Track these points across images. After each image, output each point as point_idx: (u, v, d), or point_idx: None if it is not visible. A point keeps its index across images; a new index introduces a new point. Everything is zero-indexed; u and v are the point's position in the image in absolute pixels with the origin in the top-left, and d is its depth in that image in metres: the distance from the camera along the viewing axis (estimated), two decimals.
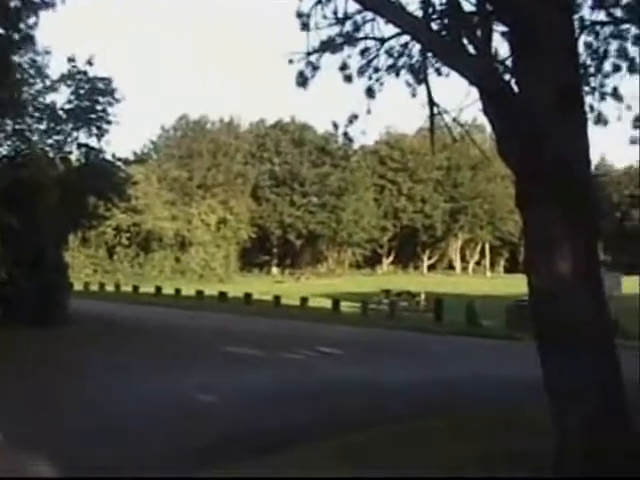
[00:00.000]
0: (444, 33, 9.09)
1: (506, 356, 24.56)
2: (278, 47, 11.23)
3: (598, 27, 13.45)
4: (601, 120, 13.40)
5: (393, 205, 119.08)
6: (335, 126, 11.98)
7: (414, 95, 11.97)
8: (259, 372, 18.93)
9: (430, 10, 9.25)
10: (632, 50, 13.47)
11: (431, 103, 8.51)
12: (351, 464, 9.68)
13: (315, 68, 11.12)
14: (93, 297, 51.72)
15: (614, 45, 13.55)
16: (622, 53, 13.54)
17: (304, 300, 46.56)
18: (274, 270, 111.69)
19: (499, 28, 9.17)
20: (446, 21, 9.27)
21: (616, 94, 13.52)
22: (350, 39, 11.11)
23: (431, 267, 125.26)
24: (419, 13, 8.86)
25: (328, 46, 11.08)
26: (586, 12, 13.10)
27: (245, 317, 39.27)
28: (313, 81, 11.24)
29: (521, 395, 14.17)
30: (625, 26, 13.38)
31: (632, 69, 13.56)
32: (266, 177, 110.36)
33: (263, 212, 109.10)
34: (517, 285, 26.78)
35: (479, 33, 8.24)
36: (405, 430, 12.04)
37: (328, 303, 45.37)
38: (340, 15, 11.03)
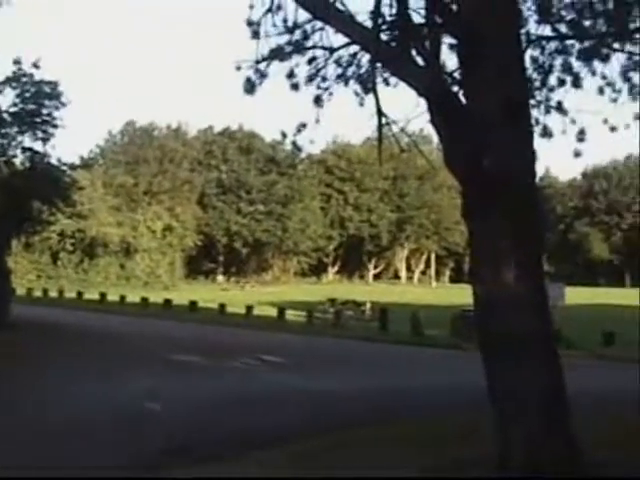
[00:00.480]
0: (393, 44, 9.13)
1: (451, 365, 24.70)
2: (228, 55, 11.21)
3: (544, 42, 13.65)
4: (547, 133, 13.58)
5: (339, 214, 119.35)
6: (283, 135, 11.98)
7: (362, 105, 12.03)
8: (203, 380, 18.83)
9: (380, 21, 9.28)
10: (576, 65, 13.68)
11: (379, 113, 8.55)
12: (296, 470, 9.66)
13: (263, 75, 11.12)
14: (36, 303, 51.05)
15: (559, 60, 13.75)
16: (567, 68, 13.74)
17: (249, 308, 46.39)
18: (219, 278, 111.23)
19: (448, 40, 9.26)
20: (395, 32, 9.32)
21: (561, 108, 13.70)
22: (299, 48, 11.13)
23: (377, 276, 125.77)
24: (369, 23, 8.90)
25: (277, 54, 11.09)
26: (532, 27, 13.29)
27: (190, 325, 39.06)
28: (261, 89, 11.25)
29: (466, 404, 14.27)
30: (570, 41, 13.59)
31: (576, 84, 13.76)
32: (213, 184, 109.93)
33: (209, 220, 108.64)
34: (462, 295, 27.04)
35: (428, 45, 8.31)
36: (351, 439, 12.06)
37: (273, 311, 45.27)
38: (290, 24, 11.06)
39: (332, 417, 14.24)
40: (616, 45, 13.35)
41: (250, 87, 11.09)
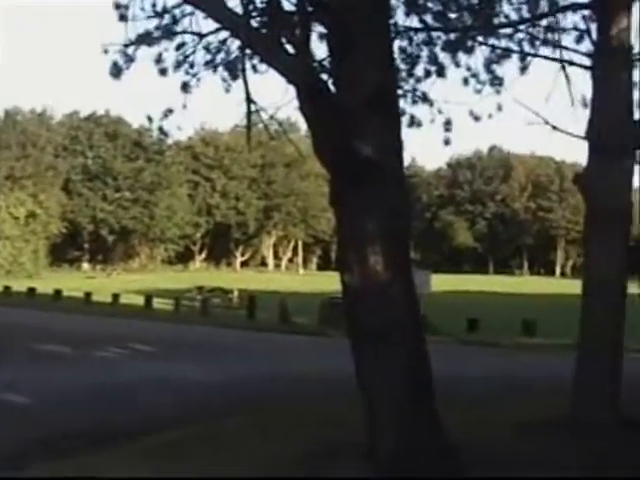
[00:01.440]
0: (264, 31, 9.09)
1: (318, 353, 24.87)
2: (96, 38, 10.90)
3: (411, 33, 13.84)
4: (415, 123, 13.79)
5: (207, 201, 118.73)
6: (150, 120, 11.79)
7: (228, 91, 11.95)
8: (68, 370, 18.40)
9: (250, 7, 9.22)
10: (442, 56, 13.93)
11: (248, 100, 8.48)
12: (158, 464, 9.54)
13: (130, 60, 10.90)
14: None
15: (425, 51, 13.97)
16: (433, 59, 13.97)
17: (116, 296, 45.68)
18: (85, 266, 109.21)
19: (318, 28, 9.27)
20: (266, 19, 9.27)
21: (427, 98, 13.92)
22: (168, 33, 10.96)
23: (244, 264, 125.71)
24: (239, 9, 8.82)
25: (145, 39, 10.89)
26: (400, 18, 13.46)
27: (55, 314, 38.15)
28: (129, 73, 11.03)
29: (334, 392, 14.36)
30: (436, 33, 13.81)
31: (441, 74, 14.00)
32: (78, 170, 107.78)
33: (75, 206, 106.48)
34: (329, 282, 27.27)
35: (298, 32, 8.29)
36: (219, 428, 11.97)
37: (140, 300, 44.72)
38: (158, 8, 10.88)
39: (199, 407, 14.12)
40: (480, 38, 13.64)
41: (117, 71, 10.85)
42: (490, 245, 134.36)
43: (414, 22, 13.68)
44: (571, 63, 11.92)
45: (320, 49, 9.97)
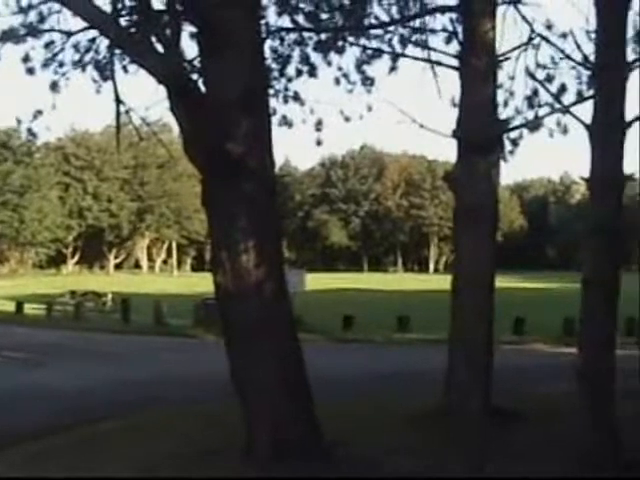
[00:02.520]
0: (133, 30, 8.97)
1: (193, 355, 24.70)
2: None
3: (283, 33, 13.90)
4: (286, 122, 13.85)
5: (78, 204, 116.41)
6: (18, 121, 11.49)
7: (99, 92, 11.76)
8: None
9: (119, 6, 9.10)
10: (313, 56, 14.04)
11: (117, 100, 8.37)
12: (33, 471, 9.36)
13: None
14: None
15: (297, 51, 14.05)
16: (304, 58, 14.06)
17: None
18: None
19: (189, 28, 9.22)
20: (135, 18, 9.16)
21: (298, 98, 14.00)
22: (34, 30, 10.70)
23: (118, 266, 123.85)
24: (108, 8, 8.69)
25: (10, 36, 10.60)
26: (272, 18, 13.50)
27: None
28: None
29: (211, 392, 14.32)
30: (308, 33, 13.91)
31: (313, 74, 14.11)
32: None
33: None
34: (204, 283, 27.07)
35: (168, 32, 8.22)
36: (93, 433, 11.81)
37: (11, 305, 43.48)
38: (24, 4, 10.62)
39: (74, 413, 13.87)
40: (351, 38, 13.80)
41: None
42: (364, 243, 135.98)
43: (286, 22, 13.77)
44: (439, 64, 12.18)
45: (191, 48, 9.93)
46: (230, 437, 9.08)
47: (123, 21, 9.20)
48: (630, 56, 11.08)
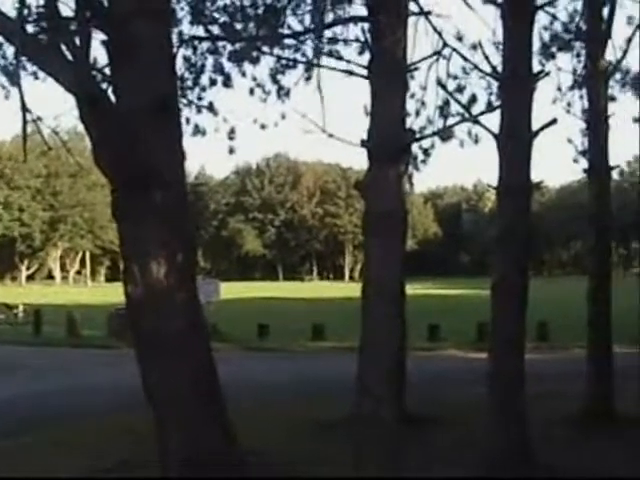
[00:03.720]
0: (41, 37, 8.82)
1: (108, 365, 24.39)
2: None
3: (197, 42, 13.87)
4: (199, 132, 13.82)
5: None
6: None
7: (7, 98, 11.57)
8: None
9: (26, 12, 8.95)
10: (228, 66, 14.04)
11: (24, 109, 8.23)
12: None
13: None
14: None
15: (211, 60, 14.04)
16: (218, 68, 14.05)
17: None
18: None
19: (99, 36, 9.11)
20: (42, 24, 9.02)
21: (212, 108, 13.98)
22: None
23: (30, 277, 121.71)
24: (13, 14, 8.53)
25: None
26: (186, 27, 13.46)
27: None
28: None
29: (124, 404, 14.18)
30: (222, 43, 13.90)
31: (227, 84, 14.11)
32: None
33: None
34: (119, 294, 26.74)
35: (77, 39, 8.11)
36: (17, 446, 11.63)
37: None
38: None
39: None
40: (266, 48, 13.82)
41: None
42: (279, 252, 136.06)
43: (200, 31, 13.73)
44: (352, 73, 12.28)
45: (101, 56, 9.82)
46: (144, 448, 9.01)
47: (30, 27, 9.07)
48: (536, 67, 11.37)
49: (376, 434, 8.60)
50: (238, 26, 14.03)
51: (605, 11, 14.82)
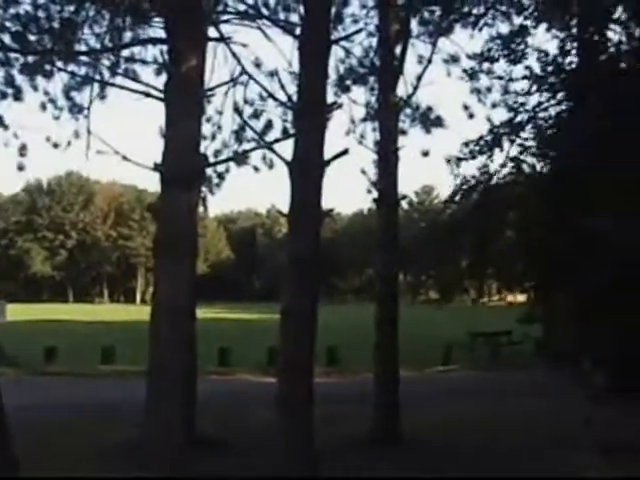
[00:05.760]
0: None
1: None
2: None
3: None
4: None
5: None
6: None
7: None
8: None
9: None
10: (19, 79, 13.66)
11: None
12: None
13: None
14: None
15: (1, 72, 13.62)
16: (9, 81, 13.65)
17: None
18: None
19: None
20: None
21: (2, 122, 13.57)
22: None
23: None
24: None
25: None
26: None
27: None
28: None
29: None
30: (14, 54, 13.51)
31: (18, 97, 13.72)
32: None
33: None
34: None
35: None
36: None
37: None
38: None
39: None
40: (60, 63, 13.55)
41: None
42: (70, 273, 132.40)
43: None
44: (148, 95, 12.19)
45: None
46: None
47: None
48: (331, 99, 11.71)
49: (165, 458, 8.55)
50: (32, 38, 13.67)
51: (398, 49, 15.47)
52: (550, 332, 28.69)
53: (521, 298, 51.69)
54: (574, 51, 19.35)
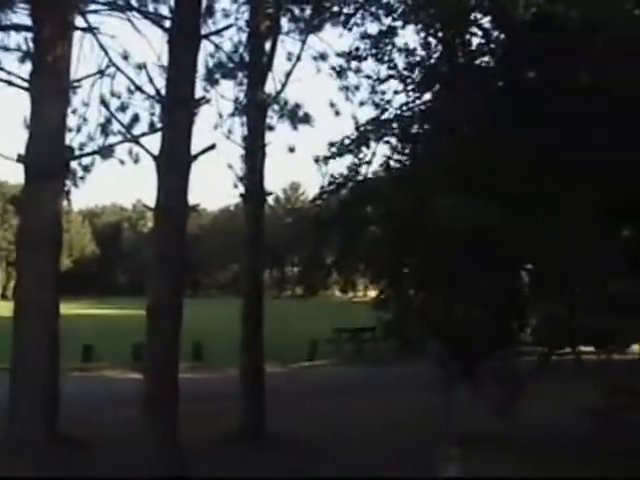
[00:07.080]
0: None
1: None
2: None
3: None
4: None
5: None
6: None
7: None
8: None
9: None
10: None
11: None
12: None
13: None
14: None
15: None
16: None
17: None
18: None
19: None
20: None
21: None
22: None
23: None
24: None
25: None
26: None
27: None
28: None
29: None
30: None
31: None
32: None
33: None
34: None
35: None
36: None
37: None
38: None
39: None
40: None
41: None
42: None
43: None
44: (11, 83, 11.84)
45: None
46: None
47: None
48: (199, 93, 11.64)
49: (28, 457, 8.38)
50: None
51: (267, 45, 15.49)
52: (400, 317, 29.00)
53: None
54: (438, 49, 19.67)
